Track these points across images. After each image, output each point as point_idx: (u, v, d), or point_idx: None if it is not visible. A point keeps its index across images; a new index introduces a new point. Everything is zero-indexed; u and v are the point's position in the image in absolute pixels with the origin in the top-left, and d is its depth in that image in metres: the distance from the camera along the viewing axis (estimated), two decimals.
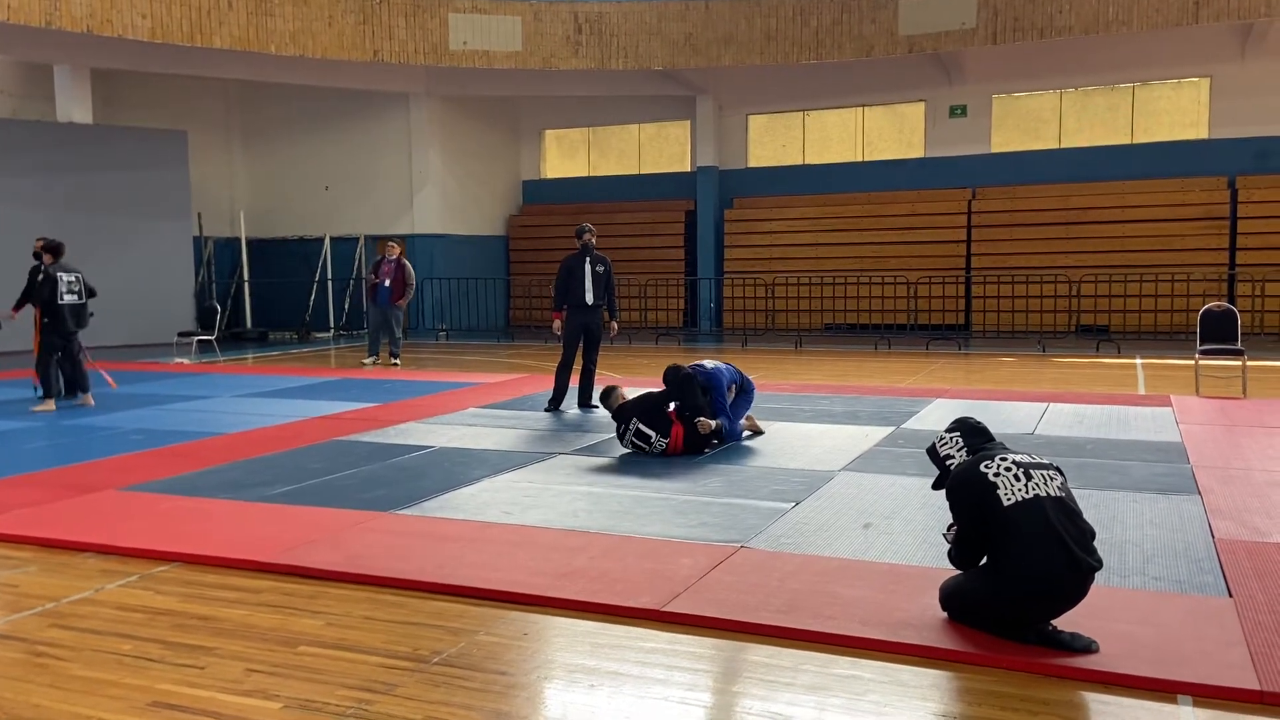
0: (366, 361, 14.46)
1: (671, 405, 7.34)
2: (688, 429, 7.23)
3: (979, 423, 4.10)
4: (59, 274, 10.02)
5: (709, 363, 7.78)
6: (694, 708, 3.29)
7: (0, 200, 15.66)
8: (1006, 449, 3.94)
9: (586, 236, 9.71)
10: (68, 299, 10.05)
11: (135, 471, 6.86)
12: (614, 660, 3.65)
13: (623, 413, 7.40)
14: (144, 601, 4.34)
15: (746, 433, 7.91)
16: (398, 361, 14.26)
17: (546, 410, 9.43)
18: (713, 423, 7.35)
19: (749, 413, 7.97)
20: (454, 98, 20.23)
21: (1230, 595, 4.18)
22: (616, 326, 10.07)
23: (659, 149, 21.62)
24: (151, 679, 3.53)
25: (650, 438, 7.16)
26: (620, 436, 7.37)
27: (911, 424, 8.45)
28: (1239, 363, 10.40)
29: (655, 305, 19.93)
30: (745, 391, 7.85)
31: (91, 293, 10.38)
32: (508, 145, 22.12)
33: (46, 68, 17.00)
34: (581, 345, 9.74)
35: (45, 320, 9.96)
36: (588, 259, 9.61)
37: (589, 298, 9.57)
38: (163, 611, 4.21)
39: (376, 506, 5.80)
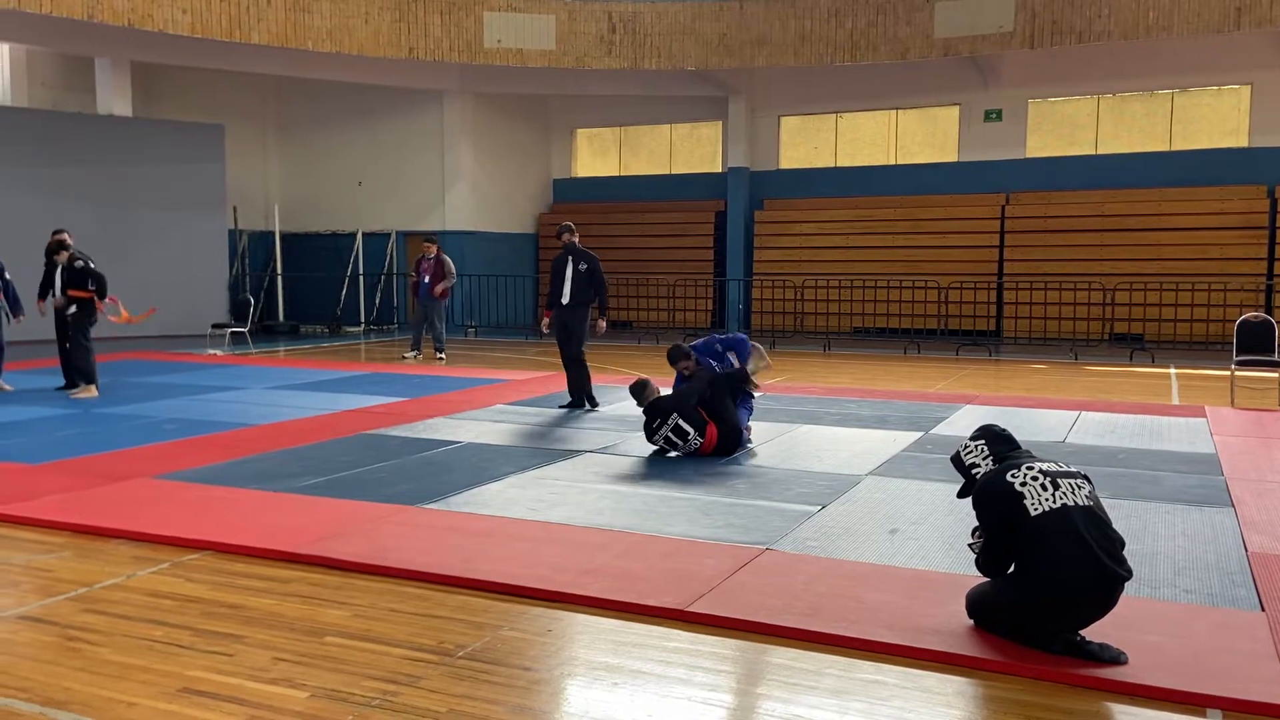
0: (408, 355, 14.62)
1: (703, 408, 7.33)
2: (720, 428, 7.22)
3: (1004, 430, 4.06)
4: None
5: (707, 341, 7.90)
6: (715, 708, 3.29)
7: (40, 191, 15.92)
8: (1033, 457, 3.89)
9: (566, 236, 9.64)
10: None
11: (168, 460, 6.95)
12: (636, 659, 3.65)
13: (659, 408, 7.27)
14: (175, 589, 4.40)
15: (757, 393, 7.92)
16: (442, 356, 14.38)
17: (587, 409, 9.40)
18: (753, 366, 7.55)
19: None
20: (487, 95, 20.32)
21: (1263, 609, 4.12)
22: (604, 325, 9.86)
23: (690, 149, 21.60)
24: (181, 665, 3.57)
25: (688, 434, 7.13)
26: (652, 432, 7.25)
27: (940, 429, 8.39)
28: (1276, 374, 10.24)
29: (684, 305, 19.92)
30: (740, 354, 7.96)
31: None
32: (539, 143, 22.19)
33: (87, 60, 17.26)
34: (567, 343, 9.58)
35: (85, 310, 10.19)
36: (570, 258, 9.53)
37: (564, 297, 9.50)
38: (193, 599, 4.27)
39: (403, 500, 5.84)
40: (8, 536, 5.22)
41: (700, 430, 7.15)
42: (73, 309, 10.18)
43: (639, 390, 7.56)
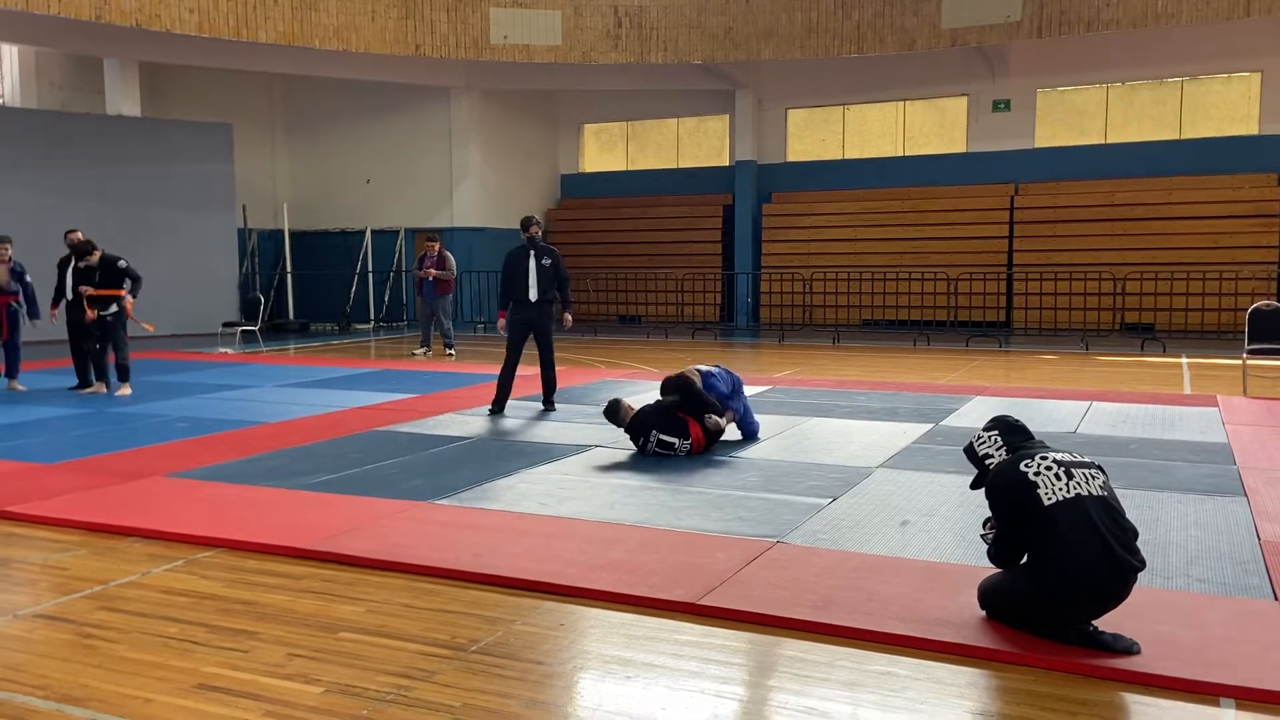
0: (418, 352, 14.67)
1: (681, 411, 7.26)
2: (705, 429, 7.16)
3: (1018, 421, 4.05)
4: None
5: (702, 367, 7.65)
6: (728, 701, 3.29)
7: (50, 192, 15.99)
8: (1047, 447, 3.88)
9: (533, 229, 9.22)
10: None
11: (181, 459, 6.98)
12: (648, 652, 3.66)
13: (639, 425, 7.19)
14: (189, 586, 4.43)
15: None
16: (452, 352, 14.41)
17: (490, 413, 8.90)
18: (722, 420, 7.21)
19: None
20: (494, 92, 20.33)
21: (1276, 598, 4.11)
22: (570, 319, 9.52)
23: (698, 143, 21.58)
24: (196, 661, 3.60)
25: (674, 444, 7.05)
26: (641, 448, 7.18)
27: (950, 421, 8.38)
28: None
29: (692, 300, 19.91)
30: (738, 391, 7.70)
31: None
32: (547, 139, 22.19)
33: (96, 61, 17.33)
34: (536, 344, 9.19)
35: (122, 308, 10.33)
36: (532, 252, 9.09)
37: (532, 294, 9.01)
38: (207, 596, 4.29)
39: (415, 496, 5.86)
40: (24, 535, 5.26)
41: (684, 435, 7.04)
42: (114, 308, 10.27)
43: (612, 414, 7.35)
